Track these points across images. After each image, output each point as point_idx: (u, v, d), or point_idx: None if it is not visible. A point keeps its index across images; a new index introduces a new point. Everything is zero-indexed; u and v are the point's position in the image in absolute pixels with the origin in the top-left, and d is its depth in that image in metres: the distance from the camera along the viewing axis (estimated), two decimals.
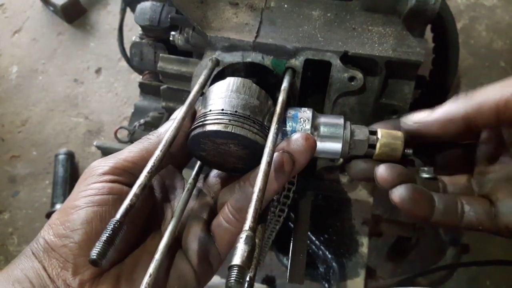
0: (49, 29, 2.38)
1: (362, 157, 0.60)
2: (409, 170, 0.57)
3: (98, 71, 2.26)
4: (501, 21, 2.04)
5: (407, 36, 0.70)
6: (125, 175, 0.53)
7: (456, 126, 0.53)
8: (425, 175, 0.60)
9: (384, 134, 0.59)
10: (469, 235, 1.55)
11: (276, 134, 0.53)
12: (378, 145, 0.58)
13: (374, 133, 0.59)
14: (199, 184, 0.62)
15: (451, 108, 0.53)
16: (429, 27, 0.99)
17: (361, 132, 0.59)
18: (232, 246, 0.55)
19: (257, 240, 0.55)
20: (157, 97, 1.30)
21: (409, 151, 0.58)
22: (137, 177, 0.48)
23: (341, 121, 0.60)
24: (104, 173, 0.52)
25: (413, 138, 0.58)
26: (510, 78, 0.50)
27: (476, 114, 0.51)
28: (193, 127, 0.56)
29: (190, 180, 0.60)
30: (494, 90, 0.50)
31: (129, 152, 0.55)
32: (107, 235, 0.42)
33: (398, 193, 0.54)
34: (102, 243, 0.42)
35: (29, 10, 2.44)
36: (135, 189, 0.47)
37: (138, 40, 1.17)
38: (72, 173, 2.00)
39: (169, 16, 0.94)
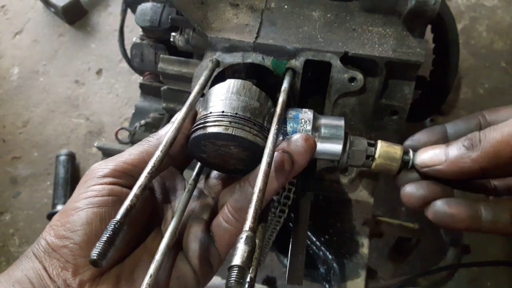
0: (50, 30, 2.39)
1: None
2: (442, 185, 0.54)
3: (99, 72, 2.26)
4: (501, 22, 2.04)
5: (407, 36, 0.70)
6: (125, 177, 0.54)
7: (472, 176, 0.52)
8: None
9: (383, 146, 0.59)
10: (469, 236, 1.55)
11: (276, 135, 0.53)
12: (376, 156, 0.58)
13: (372, 144, 0.60)
14: (200, 185, 0.62)
15: (466, 159, 0.51)
16: (429, 27, 0.99)
17: (360, 143, 0.59)
18: (231, 246, 0.55)
19: (257, 241, 0.55)
20: (157, 98, 1.30)
21: (408, 157, 0.58)
22: (137, 179, 0.48)
23: (341, 122, 0.60)
24: (104, 176, 0.53)
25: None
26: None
27: (493, 164, 0.49)
28: (193, 129, 0.56)
29: (191, 181, 0.60)
30: (504, 134, 0.48)
31: (129, 154, 0.55)
32: (107, 235, 0.42)
33: (432, 210, 0.51)
34: (102, 243, 0.42)
35: (30, 12, 2.44)
36: (135, 189, 0.47)
37: (138, 41, 1.18)
38: (73, 174, 2.00)
39: (170, 17, 0.94)
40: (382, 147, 0.59)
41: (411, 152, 0.58)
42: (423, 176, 0.56)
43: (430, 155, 0.54)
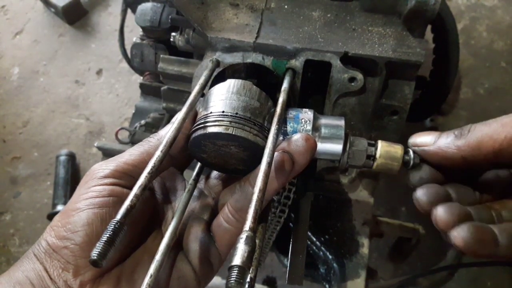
0: (50, 30, 2.39)
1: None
2: (464, 207, 0.54)
3: (99, 72, 2.26)
4: (501, 22, 2.04)
5: (407, 36, 0.70)
6: (125, 178, 0.54)
7: (454, 163, 0.54)
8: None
9: (384, 146, 0.59)
10: None
11: (276, 135, 0.53)
12: (377, 156, 0.59)
13: (372, 145, 0.60)
14: (200, 185, 0.62)
15: (451, 146, 0.53)
16: (429, 27, 0.99)
17: (360, 143, 0.59)
18: (232, 246, 0.55)
19: (257, 241, 0.55)
20: (157, 98, 1.30)
21: (408, 156, 0.58)
22: (137, 180, 0.48)
23: (342, 122, 0.60)
24: (105, 176, 0.53)
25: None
26: (504, 118, 0.51)
27: (474, 155, 0.52)
28: (194, 129, 0.56)
29: (191, 181, 0.60)
30: (490, 129, 0.51)
31: (130, 155, 0.55)
32: (107, 235, 0.42)
33: (461, 236, 0.50)
34: (102, 243, 0.42)
35: (30, 12, 2.44)
36: (135, 190, 0.47)
37: (138, 41, 1.18)
38: (73, 174, 2.00)
39: (170, 17, 0.94)
40: (382, 147, 0.59)
41: (411, 152, 0.58)
42: (426, 162, 0.58)
43: (422, 136, 0.57)
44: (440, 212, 0.52)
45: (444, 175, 0.58)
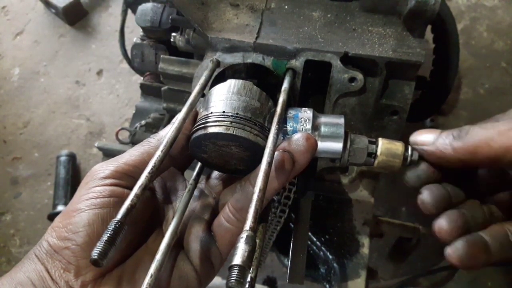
0: (51, 31, 2.39)
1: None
2: (464, 214, 0.54)
3: (99, 72, 2.26)
4: (502, 22, 2.04)
5: (407, 36, 0.70)
6: (126, 178, 0.54)
7: (452, 164, 0.54)
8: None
9: (384, 143, 0.59)
10: None
11: (277, 134, 0.53)
12: (378, 153, 0.59)
13: (373, 142, 0.60)
14: (201, 185, 0.62)
15: (448, 147, 0.53)
16: (429, 27, 0.99)
17: (361, 141, 0.59)
18: (232, 246, 0.55)
19: (258, 241, 0.55)
20: (158, 98, 1.30)
21: (408, 153, 0.58)
22: (138, 180, 0.48)
23: (341, 120, 0.60)
24: (105, 177, 0.53)
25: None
26: (501, 125, 0.50)
27: (471, 159, 0.51)
28: (194, 129, 0.56)
29: (191, 181, 0.60)
30: (487, 135, 0.50)
31: (130, 155, 0.55)
32: (108, 235, 0.42)
33: (454, 252, 0.52)
34: (103, 243, 0.42)
35: (31, 13, 2.45)
36: (136, 189, 0.47)
37: (139, 41, 1.18)
38: (73, 175, 2.00)
39: (170, 17, 0.94)
40: (383, 144, 0.59)
41: (411, 149, 0.58)
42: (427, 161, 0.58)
43: (423, 136, 0.57)
44: (441, 221, 0.53)
45: (442, 173, 0.58)
